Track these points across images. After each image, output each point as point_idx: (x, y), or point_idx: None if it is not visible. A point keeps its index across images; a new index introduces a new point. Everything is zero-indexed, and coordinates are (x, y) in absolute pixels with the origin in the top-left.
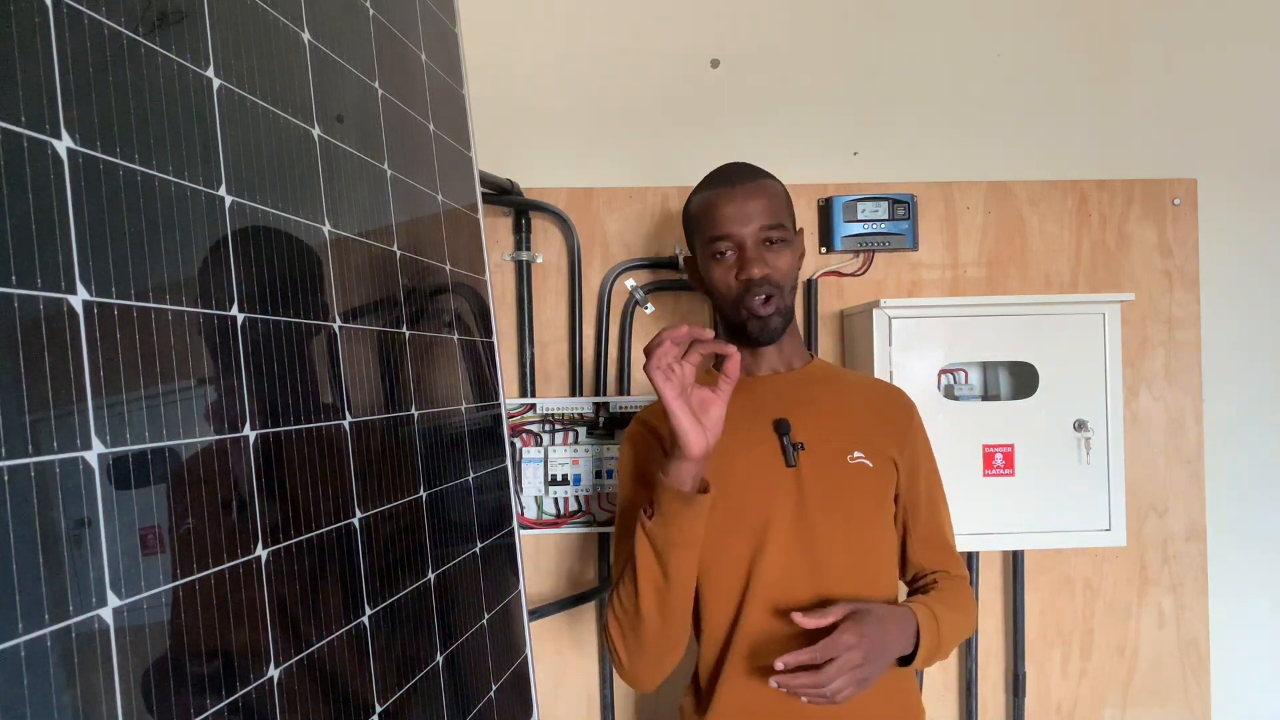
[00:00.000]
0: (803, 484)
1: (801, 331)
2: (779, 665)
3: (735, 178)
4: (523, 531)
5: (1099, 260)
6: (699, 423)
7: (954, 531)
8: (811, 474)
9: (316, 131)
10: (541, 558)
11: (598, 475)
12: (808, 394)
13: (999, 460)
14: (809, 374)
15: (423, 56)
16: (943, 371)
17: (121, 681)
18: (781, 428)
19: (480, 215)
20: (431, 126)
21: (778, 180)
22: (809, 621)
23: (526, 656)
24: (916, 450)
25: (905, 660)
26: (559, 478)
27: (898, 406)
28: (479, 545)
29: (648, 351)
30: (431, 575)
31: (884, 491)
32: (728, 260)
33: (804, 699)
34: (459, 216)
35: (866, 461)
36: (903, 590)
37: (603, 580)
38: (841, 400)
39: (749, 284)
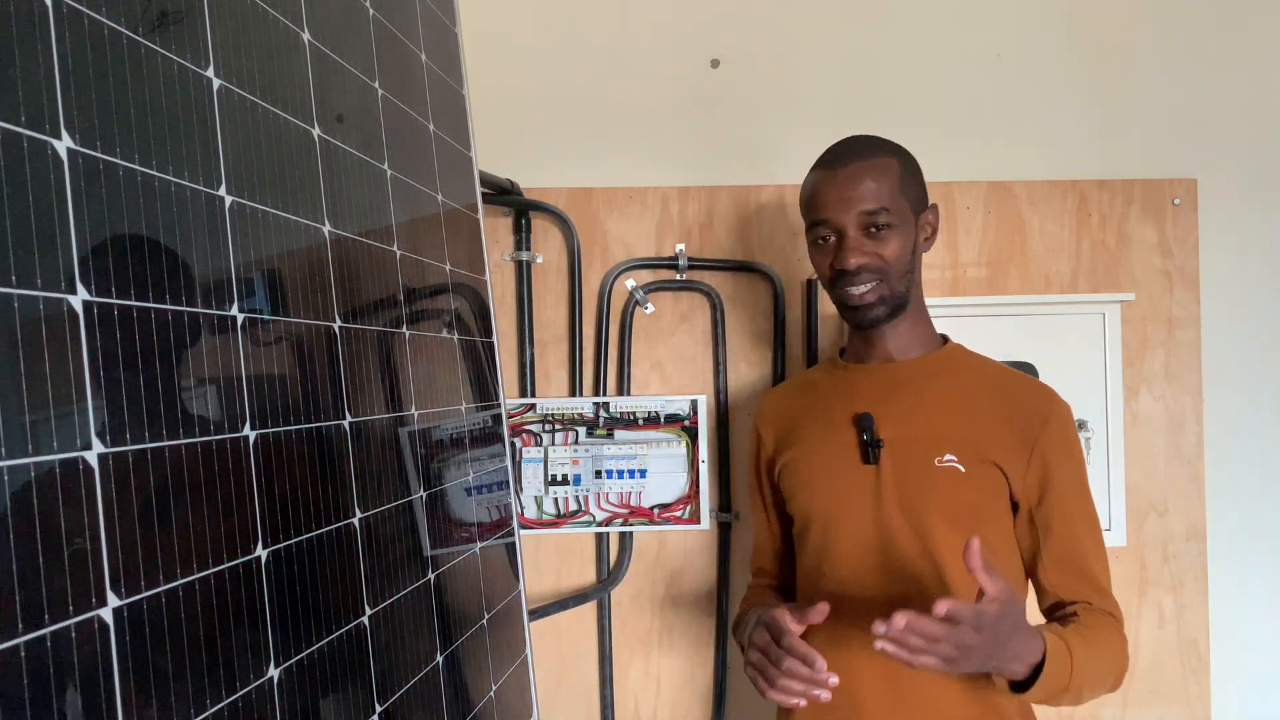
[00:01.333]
0: (882, 484)
1: (803, 331)
2: (900, 621)
3: (839, 160)
4: (523, 531)
5: (1099, 260)
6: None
7: (1105, 561)
8: (892, 474)
9: (316, 131)
10: (541, 558)
11: (597, 475)
12: (913, 386)
13: None
14: (925, 364)
15: (423, 56)
16: None
17: (121, 681)
18: (861, 422)
19: (480, 215)
20: (431, 126)
21: (896, 155)
22: (976, 562)
23: (526, 656)
24: (1049, 461)
25: (1020, 686)
26: (559, 478)
27: (1030, 409)
28: (479, 545)
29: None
30: (431, 575)
31: (977, 500)
32: (828, 246)
33: (879, 644)
34: (459, 216)
35: (958, 466)
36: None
37: (602, 580)
38: (952, 396)
39: (842, 273)
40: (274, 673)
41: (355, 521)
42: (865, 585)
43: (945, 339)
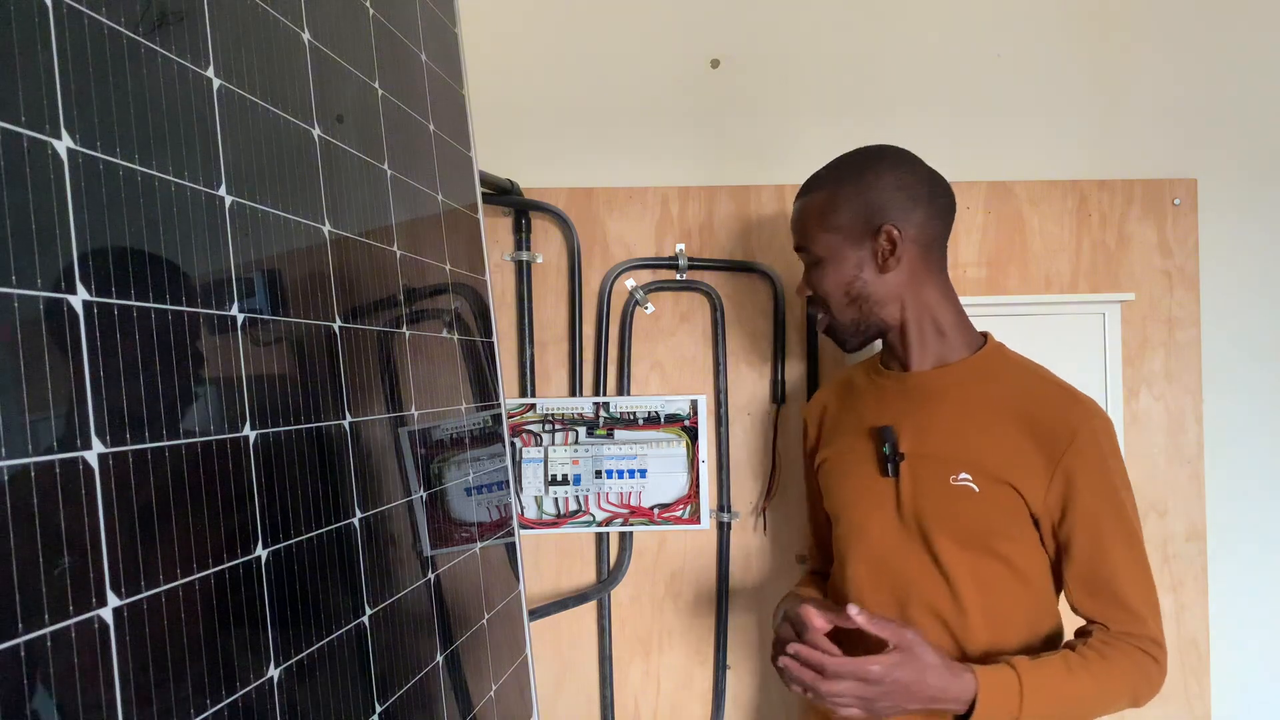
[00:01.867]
0: (902, 499)
1: (803, 331)
2: (791, 650)
3: (798, 195)
4: (523, 531)
5: (1099, 260)
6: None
7: (1141, 582)
8: (910, 490)
9: (316, 131)
10: (541, 558)
11: (597, 475)
12: (935, 399)
13: None
14: (952, 374)
15: (423, 56)
16: None
17: (121, 681)
18: (881, 435)
19: (480, 215)
20: (431, 126)
21: (831, 184)
22: (859, 618)
23: (526, 656)
24: (1074, 478)
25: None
26: (559, 478)
27: (1057, 424)
28: (479, 545)
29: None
30: (431, 575)
31: (992, 521)
32: None
33: (795, 689)
34: (459, 216)
35: (972, 485)
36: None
37: (602, 580)
38: (975, 409)
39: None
40: (274, 673)
41: (355, 521)
42: (880, 591)
43: (985, 340)
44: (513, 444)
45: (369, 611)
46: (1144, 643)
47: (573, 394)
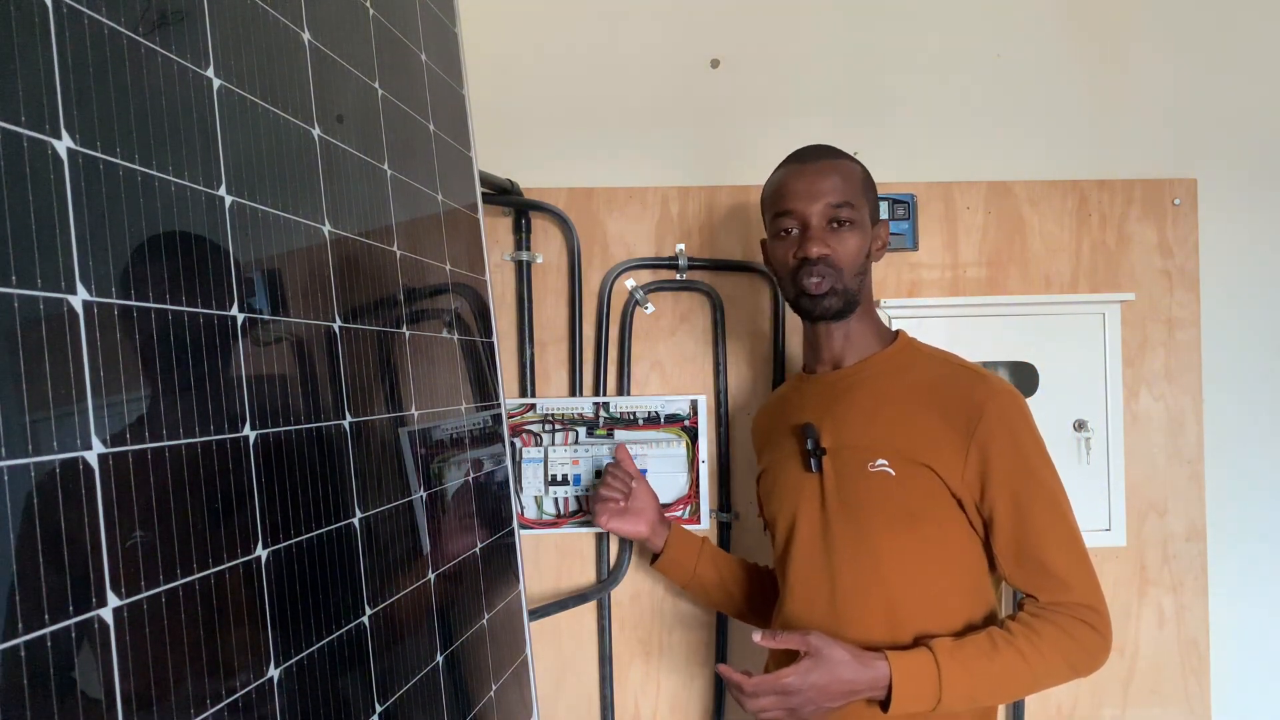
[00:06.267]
0: (826, 492)
1: (802, 332)
2: (718, 668)
3: (809, 155)
4: (523, 531)
5: (1099, 260)
6: (630, 523)
7: (1067, 549)
8: (833, 482)
9: (316, 131)
10: (541, 558)
11: (597, 475)
12: (852, 393)
13: None
14: (867, 368)
15: (423, 56)
16: None
17: (121, 681)
18: (805, 432)
19: (480, 215)
20: (431, 126)
21: (859, 163)
22: (764, 641)
23: (526, 656)
24: (988, 452)
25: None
26: (559, 478)
27: (965, 402)
28: (479, 545)
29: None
30: (431, 575)
31: (912, 502)
32: (791, 238)
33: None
34: (459, 216)
35: (888, 470)
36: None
37: (602, 580)
38: (889, 398)
39: (804, 261)
40: (274, 673)
41: (355, 521)
42: (817, 584)
43: (897, 336)
44: (513, 444)
45: (369, 611)
46: (1077, 610)
47: (573, 394)
